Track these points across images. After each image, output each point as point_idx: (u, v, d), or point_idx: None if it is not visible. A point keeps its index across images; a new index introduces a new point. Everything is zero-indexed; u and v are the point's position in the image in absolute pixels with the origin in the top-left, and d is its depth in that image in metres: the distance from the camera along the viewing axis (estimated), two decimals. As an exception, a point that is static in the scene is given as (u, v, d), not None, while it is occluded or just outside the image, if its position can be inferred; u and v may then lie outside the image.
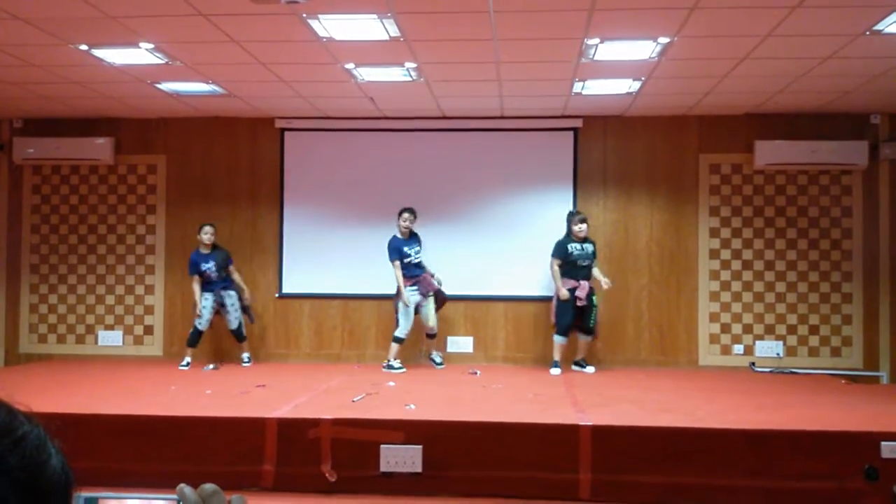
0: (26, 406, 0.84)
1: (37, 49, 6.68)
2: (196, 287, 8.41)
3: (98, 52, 6.78)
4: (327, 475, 5.17)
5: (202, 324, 8.43)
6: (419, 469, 5.13)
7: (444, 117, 9.16)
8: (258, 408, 5.75)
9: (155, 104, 8.72)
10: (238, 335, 8.67)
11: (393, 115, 9.09)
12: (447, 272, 9.13)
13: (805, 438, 5.13)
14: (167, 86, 7.95)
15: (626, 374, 8.27)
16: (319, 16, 5.81)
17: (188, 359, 8.51)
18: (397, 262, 8.22)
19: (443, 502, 5.02)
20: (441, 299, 8.61)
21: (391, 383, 7.21)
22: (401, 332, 8.27)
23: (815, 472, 4.99)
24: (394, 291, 8.42)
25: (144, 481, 4.88)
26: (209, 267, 8.42)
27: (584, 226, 8.31)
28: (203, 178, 9.45)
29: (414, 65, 7.08)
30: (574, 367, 8.43)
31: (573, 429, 5.20)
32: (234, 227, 9.43)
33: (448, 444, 5.19)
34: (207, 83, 7.83)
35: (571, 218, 8.37)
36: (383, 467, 5.14)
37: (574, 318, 8.23)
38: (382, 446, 5.16)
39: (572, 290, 8.19)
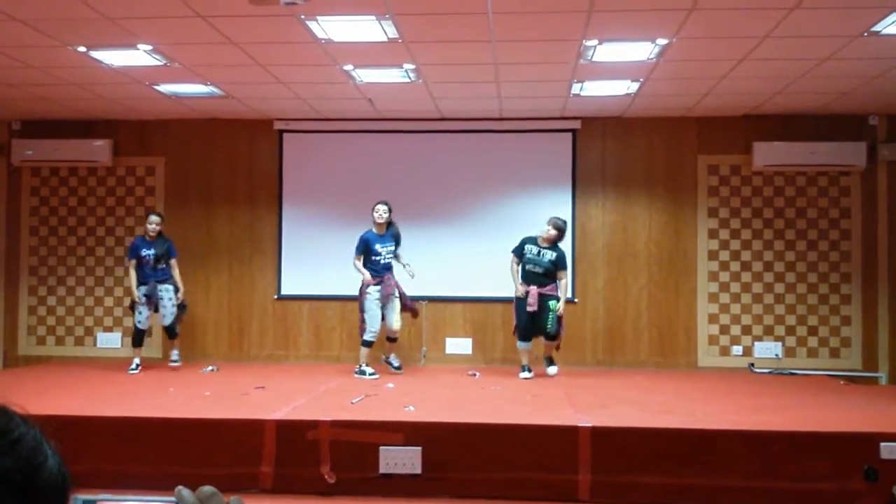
0: (22, 408, 0.83)
1: (35, 51, 6.68)
2: (132, 273, 8.15)
3: (96, 54, 6.78)
4: (326, 477, 5.16)
5: (142, 322, 8.15)
6: (418, 470, 5.12)
7: (443, 118, 9.16)
8: (257, 409, 5.74)
9: (153, 106, 8.72)
10: (170, 332, 8.35)
11: (391, 116, 9.09)
12: (446, 274, 9.13)
13: (804, 439, 5.13)
14: (166, 87, 7.95)
15: (625, 376, 8.26)
16: (318, 17, 5.82)
17: (136, 360, 8.20)
18: (361, 258, 7.81)
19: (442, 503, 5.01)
20: (408, 307, 8.09)
21: (390, 385, 7.21)
22: (368, 334, 7.83)
23: (814, 473, 4.99)
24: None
25: (143, 483, 4.86)
26: (149, 254, 8.13)
27: (553, 232, 7.75)
28: (202, 180, 9.44)
29: (412, 66, 7.08)
30: (545, 367, 8.02)
31: (572, 430, 5.19)
32: (233, 229, 9.43)
33: (447, 445, 5.19)
34: (206, 85, 7.83)
35: (548, 222, 7.88)
36: (382, 469, 5.14)
37: (528, 322, 7.78)
38: (382, 448, 5.15)
39: (525, 295, 7.77)
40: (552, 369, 7.95)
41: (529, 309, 7.68)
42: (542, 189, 9.17)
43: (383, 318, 7.84)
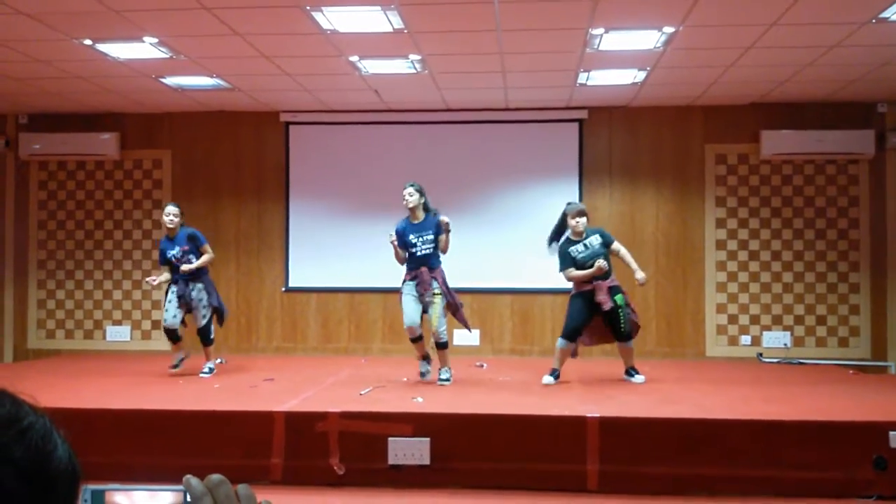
0: (32, 397, 0.83)
1: (41, 44, 6.69)
2: (165, 275, 7.28)
3: (102, 47, 6.78)
4: (335, 468, 5.18)
5: (167, 320, 7.22)
6: (427, 461, 5.13)
7: (449, 109, 9.14)
8: (266, 401, 5.75)
9: (160, 99, 8.73)
10: (204, 336, 7.35)
11: (397, 107, 9.08)
12: (453, 265, 9.09)
13: (813, 429, 5.11)
14: (172, 80, 7.95)
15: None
16: (323, 8, 5.81)
17: (178, 356, 7.38)
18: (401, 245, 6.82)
19: (451, 494, 5.02)
20: (456, 311, 6.84)
21: (404, 378, 7.19)
22: (406, 329, 6.88)
23: (823, 463, 4.98)
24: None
25: (152, 475, 4.88)
26: (174, 253, 7.15)
27: (581, 219, 6.82)
28: (208, 173, 9.46)
29: (418, 57, 7.06)
30: (625, 377, 6.99)
31: (580, 420, 5.19)
32: (240, 221, 9.44)
33: (456, 436, 5.19)
34: (212, 77, 7.83)
35: (567, 213, 6.92)
36: (391, 460, 5.15)
37: (587, 322, 6.81)
38: (390, 439, 5.16)
39: (588, 294, 6.73)
40: (639, 378, 6.90)
41: (605, 307, 6.65)
42: (549, 179, 9.16)
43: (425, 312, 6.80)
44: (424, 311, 6.76)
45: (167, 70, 7.56)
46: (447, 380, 6.77)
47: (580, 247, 6.80)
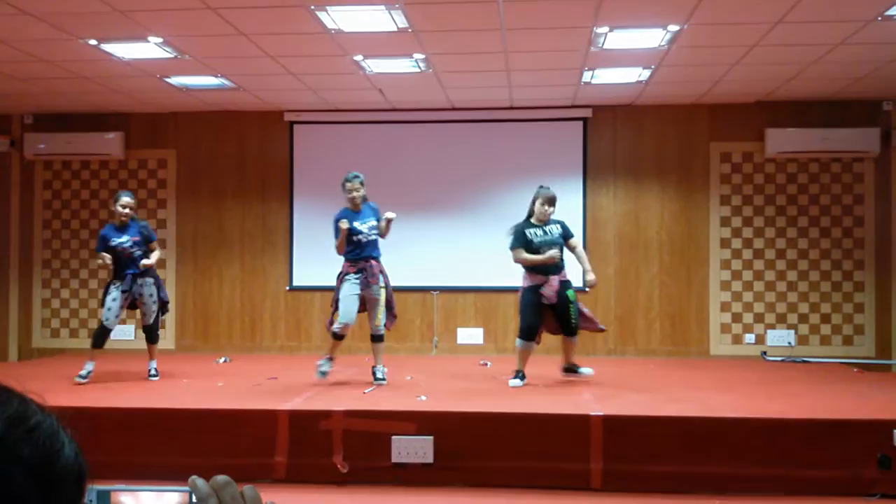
0: (40, 396, 0.84)
1: (46, 44, 6.70)
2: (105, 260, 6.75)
3: (107, 47, 6.79)
4: (339, 466, 5.19)
5: (109, 320, 6.72)
6: (431, 460, 5.14)
7: (454, 108, 9.14)
8: (270, 400, 5.77)
9: (164, 98, 8.74)
10: (151, 334, 6.96)
11: (402, 106, 9.08)
12: (457, 264, 9.14)
13: (817, 427, 5.11)
14: (176, 80, 7.96)
15: (637, 365, 8.25)
16: (328, 7, 5.81)
17: (88, 366, 6.74)
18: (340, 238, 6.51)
19: (454, 493, 5.03)
20: (391, 310, 6.70)
21: (408, 377, 7.18)
22: (336, 325, 6.54)
23: (827, 461, 4.97)
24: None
25: (156, 474, 4.89)
26: (120, 242, 6.73)
27: (551, 208, 6.62)
28: (213, 173, 9.47)
29: (422, 56, 7.06)
30: (565, 374, 6.79)
31: (584, 419, 5.19)
32: (245, 221, 9.45)
33: (459, 434, 5.20)
34: (216, 77, 7.84)
35: (536, 197, 6.71)
36: (395, 458, 5.15)
37: (542, 319, 6.60)
38: (394, 437, 5.17)
39: (537, 287, 6.50)
40: (586, 370, 6.71)
41: (546, 302, 6.49)
42: (554, 178, 9.10)
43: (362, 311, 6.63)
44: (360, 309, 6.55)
45: (172, 70, 7.57)
46: (383, 379, 6.54)
47: (539, 231, 6.59)
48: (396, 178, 9.17)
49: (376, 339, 6.64)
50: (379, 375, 6.61)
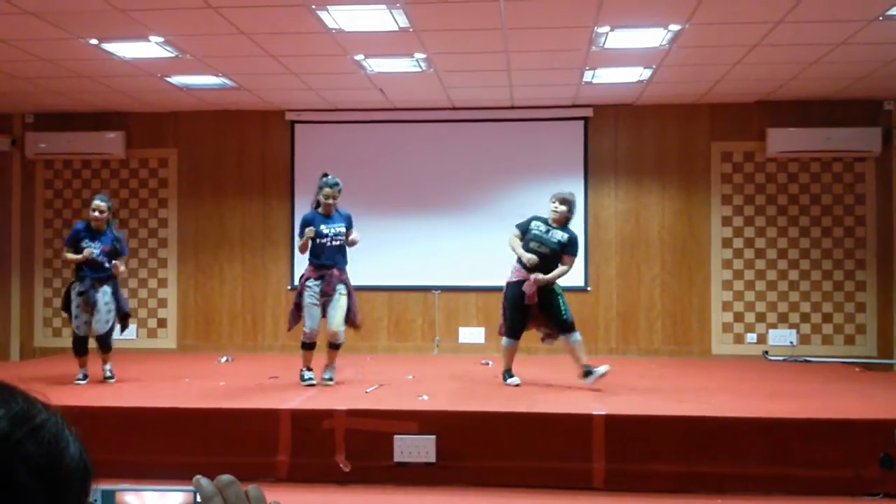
0: (44, 395, 0.84)
1: (46, 43, 6.70)
2: (70, 256, 6.63)
3: (108, 46, 6.79)
4: (341, 465, 5.19)
5: (79, 328, 6.61)
6: (433, 459, 5.14)
7: (454, 108, 9.14)
8: (272, 399, 5.77)
9: (165, 98, 8.74)
10: (103, 343, 6.68)
11: (403, 106, 9.08)
12: (458, 263, 9.13)
13: (819, 427, 5.11)
14: (177, 79, 7.96)
15: (639, 364, 8.25)
16: (328, 7, 5.81)
17: (83, 370, 6.71)
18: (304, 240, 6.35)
19: (456, 492, 5.03)
20: (352, 316, 6.51)
21: (410, 376, 7.18)
22: (304, 335, 6.47)
23: (829, 461, 4.97)
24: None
25: (159, 473, 4.90)
26: (91, 246, 6.49)
27: (560, 207, 6.50)
28: (214, 172, 9.47)
29: (423, 55, 7.06)
30: (583, 381, 6.37)
31: (586, 418, 5.19)
32: (246, 220, 9.46)
33: (461, 434, 5.20)
34: (217, 76, 7.84)
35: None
36: (397, 457, 5.16)
37: (525, 316, 6.50)
38: (396, 436, 5.17)
39: (519, 284, 6.44)
40: (602, 368, 6.37)
41: (528, 301, 6.36)
42: (555, 178, 9.13)
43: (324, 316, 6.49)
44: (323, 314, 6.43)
45: (173, 69, 7.57)
46: (330, 379, 6.46)
47: (543, 227, 6.52)
48: (397, 178, 9.18)
49: (334, 346, 6.48)
50: (327, 375, 6.47)
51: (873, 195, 8.82)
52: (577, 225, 7.72)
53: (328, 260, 6.34)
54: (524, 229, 6.56)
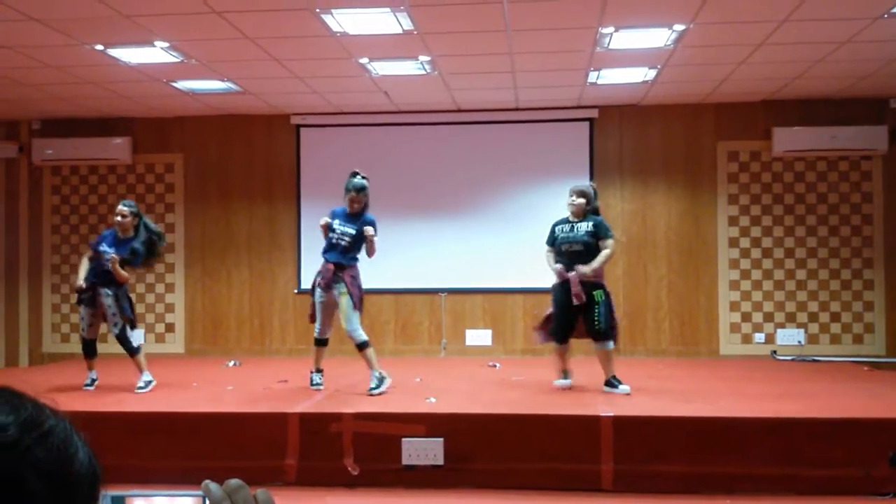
0: (53, 400, 0.84)
1: (52, 50, 6.73)
2: (84, 262, 6.58)
3: (113, 52, 6.82)
4: (350, 469, 5.19)
5: (84, 330, 6.63)
6: (441, 462, 5.14)
7: (459, 110, 9.14)
8: (280, 403, 5.77)
9: (171, 103, 8.77)
10: (123, 345, 6.50)
11: (408, 108, 9.09)
12: (464, 266, 9.13)
13: (828, 426, 5.09)
14: (183, 84, 7.98)
15: (647, 365, 8.23)
16: (333, 10, 5.82)
17: (91, 374, 6.69)
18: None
19: (465, 494, 5.02)
20: (355, 297, 6.23)
21: (417, 379, 7.17)
22: (315, 329, 6.51)
23: (839, 460, 4.95)
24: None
25: (167, 478, 4.91)
26: (109, 252, 6.33)
27: (578, 200, 6.39)
28: (220, 176, 9.49)
29: (428, 58, 7.07)
30: (605, 389, 6.22)
31: (594, 420, 5.18)
32: (252, 224, 9.47)
33: (469, 436, 5.20)
34: (223, 81, 7.86)
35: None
36: (405, 460, 5.15)
37: (568, 318, 6.35)
38: (404, 439, 5.17)
39: (562, 286, 6.31)
40: (624, 388, 6.16)
41: (575, 302, 6.17)
42: (560, 179, 9.11)
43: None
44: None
45: (178, 74, 7.59)
46: (376, 388, 6.08)
47: (567, 226, 6.41)
48: (403, 180, 9.18)
49: (357, 347, 6.24)
50: (371, 385, 6.13)
51: (880, 193, 8.79)
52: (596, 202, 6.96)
53: (330, 257, 6.31)
54: (551, 241, 6.49)
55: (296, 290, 9.39)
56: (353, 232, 6.28)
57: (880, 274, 8.79)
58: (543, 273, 8.96)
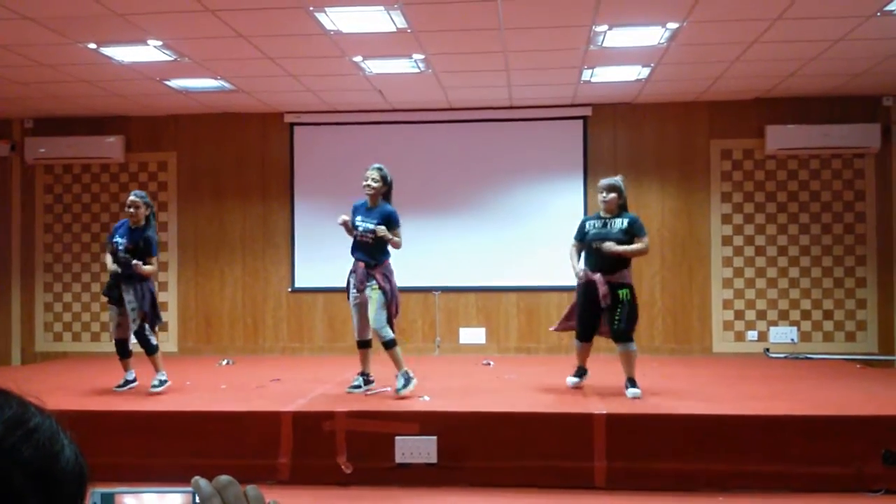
0: (38, 398, 0.84)
1: (45, 48, 6.71)
2: (108, 259, 6.40)
3: (106, 51, 6.80)
4: (343, 467, 5.19)
5: (112, 329, 6.48)
6: (434, 460, 5.14)
7: (453, 108, 9.14)
8: (273, 401, 5.77)
9: (164, 101, 8.75)
10: (142, 344, 6.32)
11: (402, 107, 9.08)
12: (458, 264, 9.13)
13: (820, 424, 5.11)
14: (176, 83, 7.96)
15: (640, 363, 8.17)
16: (326, 9, 5.81)
17: (126, 376, 6.50)
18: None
19: (458, 492, 5.03)
20: (388, 305, 6.04)
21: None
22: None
23: (831, 457, 4.97)
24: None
25: (160, 476, 4.90)
26: (119, 242, 6.22)
27: (609, 195, 6.10)
28: (214, 175, 9.47)
29: (421, 56, 7.06)
30: (626, 392, 5.99)
31: (587, 418, 5.19)
32: (246, 223, 9.46)
33: (463, 434, 5.20)
34: (216, 79, 7.84)
35: None
36: (399, 458, 5.16)
37: (589, 317, 6.12)
38: (397, 438, 5.17)
39: (587, 285, 6.06)
40: (634, 391, 5.93)
41: (603, 305, 5.95)
42: (554, 177, 9.15)
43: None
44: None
45: (171, 72, 7.57)
46: (403, 387, 5.92)
47: (599, 222, 6.13)
48: (396, 179, 9.10)
49: (382, 345, 6.00)
50: (399, 384, 5.96)
51: (873, 191, 8.82)
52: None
53: (359, 256, 6.10)
54: (581, 236, 6.20)
55: (289, 289, 9.39)
56: (374, 227, 6.04)
57: (873, 272, 8.82)
58: (537, 271, 9.04)
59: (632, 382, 6.01)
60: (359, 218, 6.13)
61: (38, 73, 7.46)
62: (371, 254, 6.08)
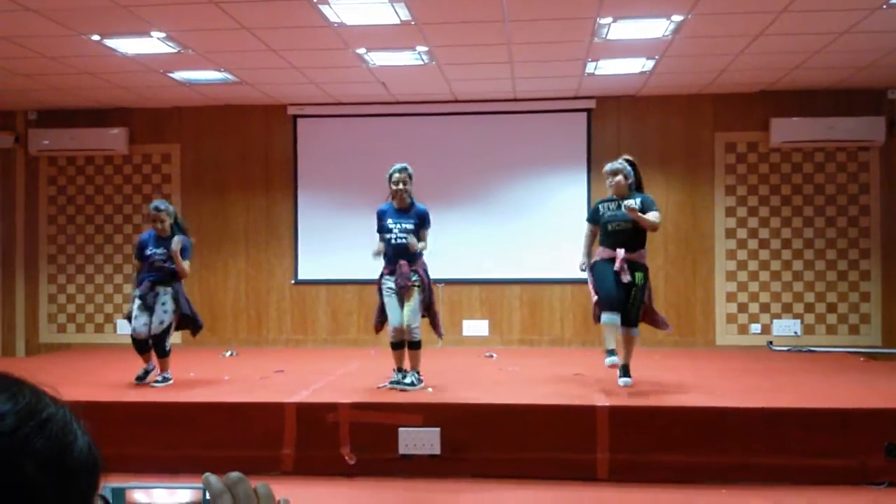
0: (53, 388, 0.84)
1: (49, 40, 6.70)
2: (133, 279, 6.42)
3: (110, 42, 6.79)
4: (347, 458, 5.20)
5: (136, 329, 6.35)
6: (437, 451, 5.15)
7: (457, 101, 9.13)
8: (277, 393, 5.78)
9: (168, 93, 8.74)
10: (157, 346, 6.33)
11: (405, 99, 9.07)
12: (461, 256, 9.13)
13: (824, 416, 5.11)
14: (180, 75, 7.96)
15: (643, 355, 8.20)
16: (330, 1, 5.80)
17: (146, 366, 6.44)
18: (379, 236, 6.13)
19: (462, 484, 5.04)
20: (427, 303, 6.07)
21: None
22: (389, 333, 6.07)
23: (834, 450, 4.97)
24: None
25: (165, 467, 4.92)
26: (155, 253, 6.36)
27: (615, 178, 6.05)
28: (217, 167, 9.48)
29: (425, 48, 7.05)
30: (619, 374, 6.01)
31: (590, 410, 5.20)
32: (249, 215, 9.46)
33: (466, 426, 5.21)
34: (219, 71, 7.84)
35: None
36: (402, 450, 5.17)
37: (618, 291, 5.84)
38: (401, 429, 5.18)
39: (605, 262, 5.95)
40: (625, 380, 5.96)
41: (623, 279, 5.82)
42: (558, 169, 9.14)
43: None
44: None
45: (175, 64, 7.57)
46: (411, 384, 5.90)
47: (613, 204, 6.05)
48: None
49: (409, 344, 5.97)
50: (407, 380, 5.92)
51: (877, 184, 8.80)
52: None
53: (396, 257, 5.97)
54: (595, 218, 6.14)
55: (293, 281, 9.39)
56: (412, 227, 5.99)
57: (877, 265, 8.80)
58: (540, 264, 9.04)
59: (625, 370, 5.97)
60: (390, 221, 6.04)
61: (42, 64, 7.46)
62: (412, 255, 6.01)
